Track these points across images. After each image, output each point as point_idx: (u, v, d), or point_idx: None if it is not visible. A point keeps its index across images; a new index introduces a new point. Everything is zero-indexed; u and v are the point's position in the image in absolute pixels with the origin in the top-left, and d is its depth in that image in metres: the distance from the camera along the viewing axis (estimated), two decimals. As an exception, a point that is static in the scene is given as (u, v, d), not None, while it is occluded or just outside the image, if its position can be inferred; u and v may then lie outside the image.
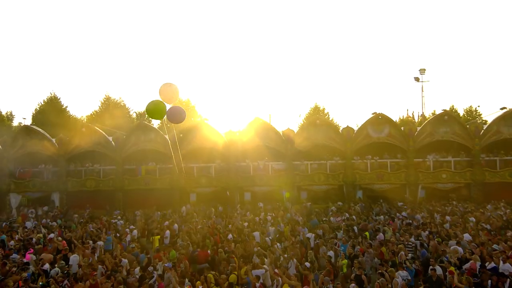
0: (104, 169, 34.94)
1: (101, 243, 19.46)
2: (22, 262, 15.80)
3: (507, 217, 24.17)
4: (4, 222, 28.34)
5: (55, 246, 19.01)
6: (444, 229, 20.45)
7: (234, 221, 24.41)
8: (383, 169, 32.89)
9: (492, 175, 31.74)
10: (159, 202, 32.64)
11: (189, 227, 22.08)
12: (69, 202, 33.98)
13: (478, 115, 50.40)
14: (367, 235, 19.21)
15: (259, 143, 33.04)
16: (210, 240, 19.16)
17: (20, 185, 33.91)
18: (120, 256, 16.53)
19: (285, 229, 20.84)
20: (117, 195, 33.98)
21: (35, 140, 34.35)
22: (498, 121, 32.08)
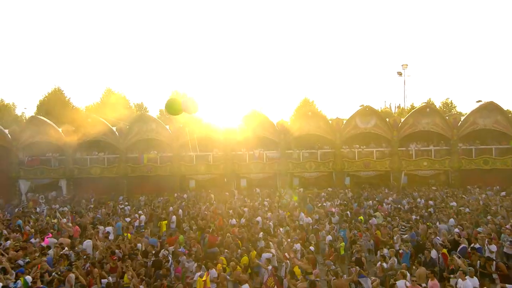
0: (108, 158, 34.96)
1: (110, 228, 19.45)
2: (42, 247, 15.81)
3: (483, 201, 24.74)
4: (16, 207, 28.31)
5: (69, 231, 19.05)
6: (429, 213, 20.90)
7: (234, 206, 24.55)
8: (369, 157, 33.43)
9: (468, 163, 32.43)
10: (161, 188, 32.94)
11: (195, 212, 22.22)
12: (76, 188, 34.06)
13: (453, 107, 51.18)
14: (362, 219, 19.58)
15: (254, 134, 33.23)
16: (214, 225, 19.26)
17: (28, 172, 33.82)
18: (135, 240, 16.63)
19: (286, 214, 21.02)
20: (121, 181, 34.02)
21: (43, 129, 34.15)
22: (474, 113, 32.74)
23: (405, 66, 38.27)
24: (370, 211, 21.55)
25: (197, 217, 20.62)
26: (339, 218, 20.04)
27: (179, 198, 29.15)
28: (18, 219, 21.63)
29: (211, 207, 24.75)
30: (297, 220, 19.71)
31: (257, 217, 20.33)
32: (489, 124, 32.31)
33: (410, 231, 16.78)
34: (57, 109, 41.89)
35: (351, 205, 23.58)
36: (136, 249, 15.45)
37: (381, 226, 17.26)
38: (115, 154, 34.70)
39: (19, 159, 33.79)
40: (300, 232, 16.95)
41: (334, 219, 19.85)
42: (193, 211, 22.99)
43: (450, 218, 18.68)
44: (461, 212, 20.78)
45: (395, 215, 20.12)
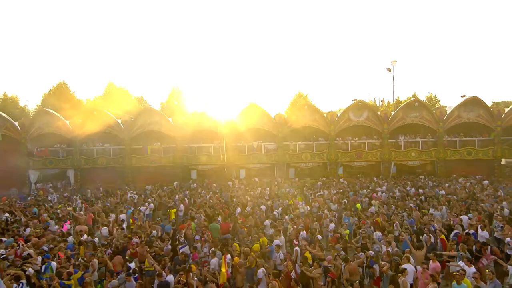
0: (113, 149, 34.73)
1: (124, 216, 19.39)
2: (62, 233, 15.73)
3: (468, 189, 25.11)
4: (27, 196, 28.07)
5: (85, 218, 18.94)
6: (421, 200, 21.17)
7: (237, 195, 24.52)
8: (361, 148, 33.67)
9: (453, 153, 32.87)
10: (164, 178, 32.79)
11: (202, 201, 22.20)
12: (83, 178, 33.91)
13: (437, 101, 51.54)
14: (359, 207, 19.74)
15: (253, 126, 33.24)
16: (221, 213, 19.24)
17: (37, 162, 33.44)
18: (151, 228, 16.61)
19: (290, 202, 21.07)
20: (126, 171, 33.90)
21: (51, 122, 33.79)
22: (459, 107, 33.06)
23: (394, 62, 38.47)
24: (366, 200, 21.73)
25: (205, 206, 20.56)
26: (338, 206, 20.13)
27: (185, 186, 29.16)
28: (33, 207, 21.52)
29: (214, 195, 24.81)
30: (297, 208, 19.76)
31: (261, 205, 20.36)
32: (473, 117, 32.70)
33: (409, 218, 16.94)
34: (62, 102, 41.25)
35: (347, 193, 23.72)
36: (152, 236, 15.47)
37: (380, 213, 17.40)
38: (120, 145, 34.44)
39: (28, 150, 33.42)
40: (304, 219, 17.03)
41: (333, 206, 19.92)
42: (200, 200, 22.92)
43: (442, 206, 18.94)
44: (450, 200, 21.12)
45: (390, 203, 20.32)
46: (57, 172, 34.00)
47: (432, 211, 18.11)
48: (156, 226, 16.79)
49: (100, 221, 18.21)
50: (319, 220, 16.95)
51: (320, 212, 18.44)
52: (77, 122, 33.74)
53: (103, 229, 16.68)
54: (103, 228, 16.81)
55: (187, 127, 34.07)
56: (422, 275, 10.17)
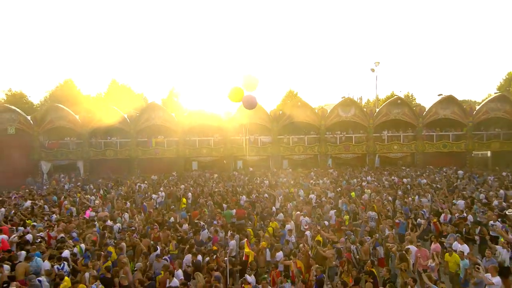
0: (120, 141, 34.47)
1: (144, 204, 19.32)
2: (87, 220, 15.73)
3: (447, 178, 25.82)
4: (42, 186, 27.79)
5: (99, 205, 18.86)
6: (407, 188, 21.69)
7: (240, 184, 24.66)
8: (349, 142, 34.09)
9: (430, 146, 33.58)
10: (167, 169, 32.78)
11: (209, 190, 22.30)
12: (91, 168, 33.57)
13: (413, 99, 52.22)
14: (353, 195, 20.11)
15: (250, 121, 33.28)
16: (229, 201, 19.35)
17: (49, 154, 33.06)
18: (168, 215, 16.71)
19: (290, 190, 21.34)
20: (132, 163, 33.76)
21: (62, 116, 33.38)
22: (436, 105, 33.76)
23: (377, 63, 39.01)
24: (358, 188, 22.12)
25: (214, 194, 20.70)
26: (334, 194, 20.45)
27: (188, 176, 29.31)
28: (53, 195, 21.36)
29: (219, 184, 24.95)
30: (299, 196, 20.04)
31: (264, 194, 20.57)
32: (448, 114, 33.40)
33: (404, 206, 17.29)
34: (69, 98, 40.59)
35: (340, 182, 24.11)
36: (170, 221, 15.60)
37: (376, 200, 17.75)
38: (127, 138, 34.21)
39: (40, 143, 32.93)
40: (306, 206, 17.29)
41: (330, 194, 20.22)
42: (207, 189, 23.01)
43: (427, 193, 19.49)
44: (432, 187, 21.71)
45: (382, 191, 20.73)
46: (67, 163, 33.61)
47: (418, 198, 18.66)
48: (173, 213, 16.93)
49: (119, 208, 18.18)
50: (321, 207, 17.25)
51: (319, 200, 18.73)
52: (86, 117, 33.44)
53: (125, 215, 16.74)
54: (125, 214, 16.85)
55: (189, 122, 34.04)
56: (420, 251, 10.68)
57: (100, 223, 15.11)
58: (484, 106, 33.81)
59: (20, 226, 14.70)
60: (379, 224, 15.53)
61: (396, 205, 17.59)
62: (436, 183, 23.72)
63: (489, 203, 17.11)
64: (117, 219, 16.08)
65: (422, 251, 10.71)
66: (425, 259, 10.30)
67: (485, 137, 33.76)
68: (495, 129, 34.15)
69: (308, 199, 19.10)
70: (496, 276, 8.81)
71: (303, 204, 17.50)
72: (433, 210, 16.36)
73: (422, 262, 10.36)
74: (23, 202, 19.29)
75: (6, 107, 33.75)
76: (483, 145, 33.76)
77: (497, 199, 17.84)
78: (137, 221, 15.71)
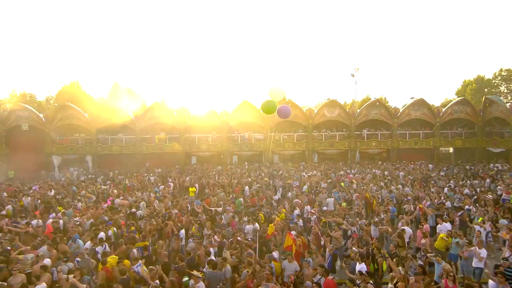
0: (126, 138, 34.22)
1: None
2: (111, 207, 15.79)
3: (420, 171, 26.81)
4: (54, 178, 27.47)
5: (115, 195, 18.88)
6: (389, 180, 22.46)
7: (240, 177, 24.93)
8: (333, 139, 34.76)
9: (403, 143, 34.66)
10: (168, 163, 32.89)
11: (215, 181, 22.52)
12: (99, 162, 33.26)
13: (386, 102, 53.36)
14: (342, 185, 20.74)
15: (245, 119, 33.68)
16: (234, 191, 19.55)
17: (60, 149, 32.57)
18: (183, 202, 16.93)
19: (287, 181, 21.74)
20: (137, 157, 33.55)
21: (72, 114, 32.94)
22: (409, 107, 34.94)
23: (357, 69, 39.98)
24: (347, 179, 22.76)
25: (219, 185, 20.94)
26: (326, 185, 21.01)
27: (189, 170, 29.45)
28: (72, 186, 21.23)
29: (220, 177, 25.12)
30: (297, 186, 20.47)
31: (264, 185, 20.89)
32: (419, 115, 34.63)
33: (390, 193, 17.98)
34: (76, 98, 39.95)
35: (329, 174, 24.70)
36: (186, 208, 15.84)
37: (364, 189, 18.44)
38: (132, 135, 34.03)
39: (51, 138, 32.42)
40: (306, 195, 17.69)
41: (323, 185, 20.78)
42: (211, 180, 23.20)
43: (409, 184, 20.35)
44: (415, 179, 22.56)
45: (368, 182, 21.46)
46: (76, 158, 33.16)
47: (401, 187, 19.43)
48: (187, 201, 17.18)
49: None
50: (317, 196, 17.73)
51: (315, 189, 19.23)
52: (95, 115, 33.12)
53: (142, 203, 16.83)
54: (142, 203, 16.95)
55: (189, 120, 34.14)
56: (418, 231, 11.37)
57: (125, 210, 15.26)
58: (449, 108, 35.18)
59: (51, 213, 14.76)
60: (370, 210, 16.28)
61: (382, 193, 18.30)
62: (411, 175, 24.68)
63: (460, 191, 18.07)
64: (139, 206, 16.27)
65: (418, 233, 11.37)
66: (420, 238, 10.95)
67: (450, 136, 35.03)
68: (458, 128, 35.47)
69: (304, 189, 19.53)
70: (482, 248, 9.56)
71: (302, 194, 17.93)
72: (413, 197, 17.12)
73: (418, 240, 11.04)
74: (47, 192, 19.16)
75: (20, 105, 33.10)
76: (448, 142, 35.07)
77: (468, 188, 18.85)
78: (156, 208, 15.89)
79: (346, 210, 15.03)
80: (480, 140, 34.13)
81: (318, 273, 8.38)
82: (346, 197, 17.50)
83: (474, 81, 53.87)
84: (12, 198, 17.75)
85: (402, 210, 15.19)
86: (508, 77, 53.08)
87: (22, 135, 30.95)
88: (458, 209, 15.52)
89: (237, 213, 14.92)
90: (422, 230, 11.20)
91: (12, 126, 31.54)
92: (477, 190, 18.63)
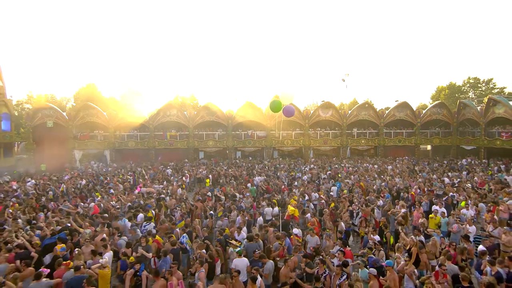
0: (140, 134, 34.54)
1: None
2: (142, 193, 16.34)
3: (407, 165, 27.77)
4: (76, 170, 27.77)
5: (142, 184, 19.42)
6: (380, 172, 23.33)
7: (247, 170, 25.55)
8: (327, 137, 35.56)
9: (389, 141, 35.63)
10: (178, 157, 33.35)
11: (226, 173, 23.13)
12: (116, 157, 33.57)
13: (372, 104, 54.25)
14: (339, 175, 21.51)
15: (248, 118, 34.27)
16: (245, 181, 20.22)
17: (81, 144, 32.80)
18: (203, 190, 17.56)
19: (291, 173, 22.45)
20: (150, 152, 33.97)
21: (92, 113, 33.20)
22: (394, 108, 35.91)
23: (347, 74, 40.83)
24: (343, 172, 23.55)
25: (231, 175, 21.55)
26: (326, 176, 21.76)
27: (198, 163, 29.96)
28: (100, 176, 21.65)
29: (229, 169, 25.71)
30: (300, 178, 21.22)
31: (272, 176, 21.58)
32: (403, 116, 35.64)
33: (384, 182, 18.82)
34: (93, 99, 40.12)
35: (326, 168, 25.49)
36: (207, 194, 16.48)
37: (362, 180, 19.26)
38: (146, 131, 34.38)
39: (73, 134, 32.67)
40: (311, 185, 18.45)
41: (323, 176, 21.57)
42: (222, 172, 23.82)
43: (398, 175, 21.27)
44: (403, 171, 23.49)
45: (363, 173, 22.27)
46: (96, 152, 33.48)
47: (392, 178, 20.34)
48: (207, 189, 17.82)
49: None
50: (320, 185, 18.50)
51: (318, 180, 19.99)
52: (112, 114, 33.43)
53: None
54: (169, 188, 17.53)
55: (198, 118, 34.64)
56: (416, 212, 12.22)
57: (156, 195, 15.85)
58: (429, 111, 36.34)
59: (88, 198, 15.29)
60: (366, 196, 17.10)
61: (376, 183, 19.17)
62: (397, 169, 25.62)
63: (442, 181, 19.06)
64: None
65: (415, 214, 12.23)
66: (418, 218, 11.81)
67: (429, 134, 36.11)
68: (435, 128, 36.58)
69: (308, 179, 20.31)
70: (472, 225, 10.45)
71: (310, 183, 18.69)
72: (404, 186, 18.03)
73: (416, 220, 11.91)
74: (79, 181, 19.60)
75: (46, 104, 33.28)
76: (427, 140, 36.19)
77: (449, 179, 19.88)
78: (180, 195, 16.50)
79: (350, 196, 15.83)
80: (454, 138, 35.35)
81: (337, 244, 9.17)
82: (347, 186, 18.29)
83: (446, 87, 55.43)
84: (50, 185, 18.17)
85: (395, 197, 16.08)
86: (475, 84, 54.86)
87: (47, 132, 31.15)
88: (443, 195, 16.56)
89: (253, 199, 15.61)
90: (419, 211, 12.08)
91: (38, 123, 31.71)
92: (456, 180, 19.67)
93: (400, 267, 7.76)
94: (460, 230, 10.48)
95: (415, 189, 16.63)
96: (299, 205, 13.93)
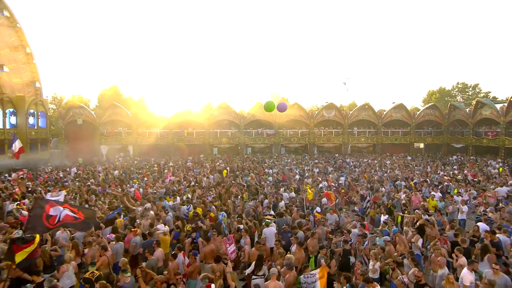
0: (160, 132, 35.47)
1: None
2: (172, 181, 17.24)
3: (403, 161, 28.59)
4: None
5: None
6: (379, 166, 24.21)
7: (260, 163, 26.37)
8: (330, 135, 36.42)
9: (387, 139, 36.48)
10: (195, 152, 34.22)
11: (242, 165, 24.00)
12: (139, 151, 34.45)
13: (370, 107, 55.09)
14: (345, 168, 22.42)
15: (258, 118, 35.15)
16: (258, 172, 21.09)
17: (107, 140, 33.78)
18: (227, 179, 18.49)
19: (299, 167, 23.36)
20: (169, 148, 34.89)
21: (117, 112, 34.17)
22: (391, 110, 36.78)
23: (348, 78, 41.88)
24: (348, 166, 24.43)
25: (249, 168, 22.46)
26: (333, 169, 22.69)
27: (214, 158, 30.85)
28: (130, 167, 22.57)
29: (244, 163, 26.56)
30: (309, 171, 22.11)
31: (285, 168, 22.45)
32: (399, 116, 36.47)
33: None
34: (116, 100, 41.04)
35: (331, 162, 26.35)
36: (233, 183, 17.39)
37: (365, 172, 20.16)
38: (165, 129, 35.31)
39: (100, 132, 33.68)
40: (321, 175, 19.31)
41: (330, 169, 22.48)
42: (236, 164, 24.61)
43: (396, 169, 22.17)
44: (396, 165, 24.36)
45: (366, 168, 23.19)
46: (120, 147, 34.45)
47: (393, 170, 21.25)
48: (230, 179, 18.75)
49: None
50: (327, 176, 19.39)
51: (331, 168, 20.87)
52: (135, 113, 34.39)
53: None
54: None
55: (213, 117, 35.56)
56: (415, 198, 13.13)
57: (187, 182, 16.80)
58: (422, 112, 37.21)
59: (126, 184, 16.23)
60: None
61: (378, 174, 20.05)
62: (395, 163, 26.48)
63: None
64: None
65: (415, 198, 13.16)
66: (418, 202, 12.74)
67: (422, 134, 36.99)
68: (428, 128, 37.44)
69: (317, 172, 21.19)
70: (465, 205, 11.42)
71: (320, 174, 19.59)
72: (403, 177, 18.95)
73: (414, 204, 12.85)
74: (112, 172, 20.55)
75: (76, 104, 34.34)
76: (421, 139, 37.08)
77: (443, 171, 20.80)
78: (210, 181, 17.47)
79: (356, 186, 16.75)
80: (445, 137, 36.20)
81: (355, 219, 10.12)
82: (353, 177, 19.22)
83: (437, 91, 56.26)
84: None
85: (396, 186, 17.00)
86: (463, 89, 55.69)
87: (77, 129, 32.15)
88: (438, 184, 17.46)
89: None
90: (417, 196, 13.06)
91: (69, 121, 32.71)
92: (450, 173, 20.57)
93: (409, 237, 8.71)
94: (454, 211, 11.43)
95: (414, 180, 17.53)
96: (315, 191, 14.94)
